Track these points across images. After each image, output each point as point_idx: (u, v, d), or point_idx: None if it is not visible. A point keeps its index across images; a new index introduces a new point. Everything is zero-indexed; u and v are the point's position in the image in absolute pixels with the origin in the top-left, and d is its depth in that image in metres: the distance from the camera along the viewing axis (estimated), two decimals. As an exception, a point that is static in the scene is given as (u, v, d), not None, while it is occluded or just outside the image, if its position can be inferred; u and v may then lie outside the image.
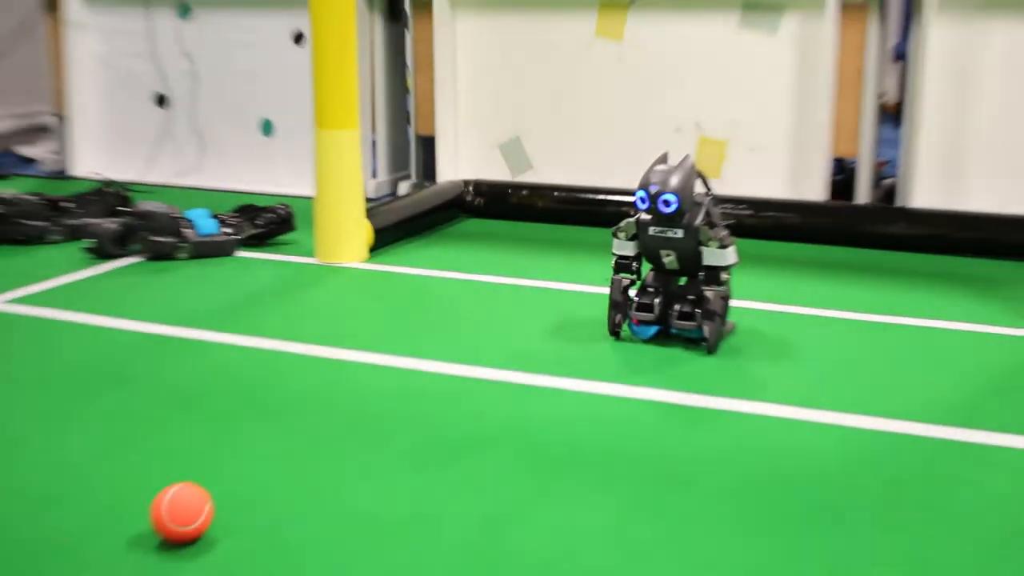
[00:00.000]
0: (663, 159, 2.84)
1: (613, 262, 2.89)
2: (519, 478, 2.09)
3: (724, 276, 2.79)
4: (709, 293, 2.76)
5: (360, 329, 2.95)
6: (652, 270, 2.90)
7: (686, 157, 2.84)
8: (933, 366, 2.70)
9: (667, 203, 2.74)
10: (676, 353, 2.78)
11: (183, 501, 1.77)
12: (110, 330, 2.93)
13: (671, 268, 2.85)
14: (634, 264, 2.88)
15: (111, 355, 2.75)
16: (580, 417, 2.38)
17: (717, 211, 2.84)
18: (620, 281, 2.87)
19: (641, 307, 2.85)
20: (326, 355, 2.75)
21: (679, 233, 2.79)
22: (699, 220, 2.78)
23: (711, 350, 2.78)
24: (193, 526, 1.76)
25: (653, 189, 2.76)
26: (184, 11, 4.86)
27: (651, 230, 2.82)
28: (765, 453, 2.20)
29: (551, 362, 2.71)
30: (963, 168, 3.95)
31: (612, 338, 2.88)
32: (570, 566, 1.78)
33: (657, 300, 2.83)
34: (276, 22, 4.73)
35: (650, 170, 2.79)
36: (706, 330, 2.77)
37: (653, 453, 2.20)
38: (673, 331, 2.85)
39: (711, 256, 2.78)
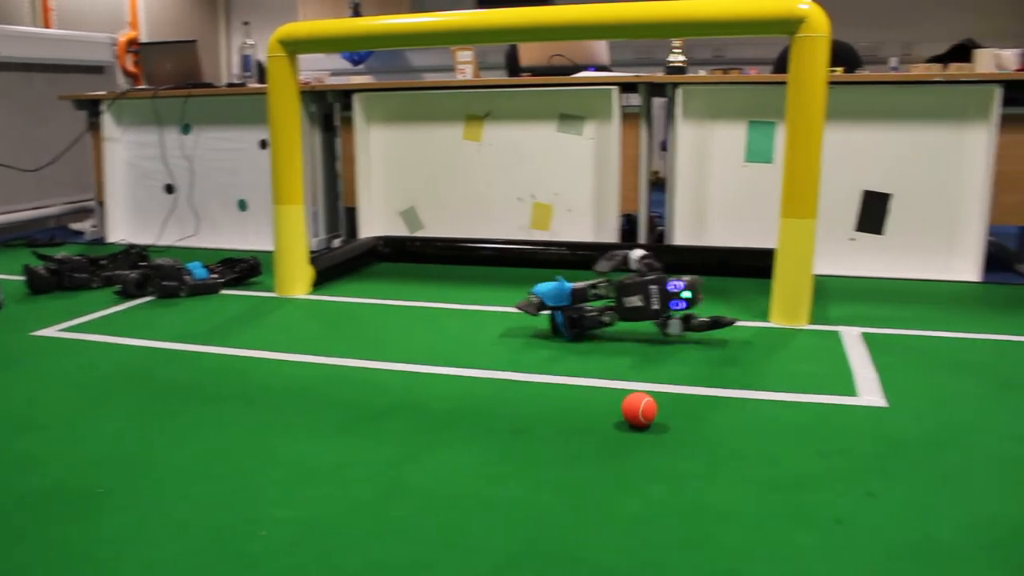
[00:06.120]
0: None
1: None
2: (412, 435, 2.08)
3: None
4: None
5: (305, 340, 2.91)
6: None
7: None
8: (690, 346, 2.75)
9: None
10: (517, 345, 2.80)
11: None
12: (132, 347, 2.84)
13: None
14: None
15: (133, 363, 2.67)
16: (454, 392, 2.37)
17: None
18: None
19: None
20: (281, 358, 2.71)
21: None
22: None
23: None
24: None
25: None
26: (185, 129, 4.77)
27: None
28: (571, 411, 2.23)
29: (434, 356, 2.69)
30: (703, 217, 4.05)
31: (482, 339, 2.87)
32: (447, 490, 1.78)
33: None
34: (248, 134, 4.66)
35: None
36: None
37: (502, 413, 2.21)
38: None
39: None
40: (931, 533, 1.59)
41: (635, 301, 2.74)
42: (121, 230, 5.00)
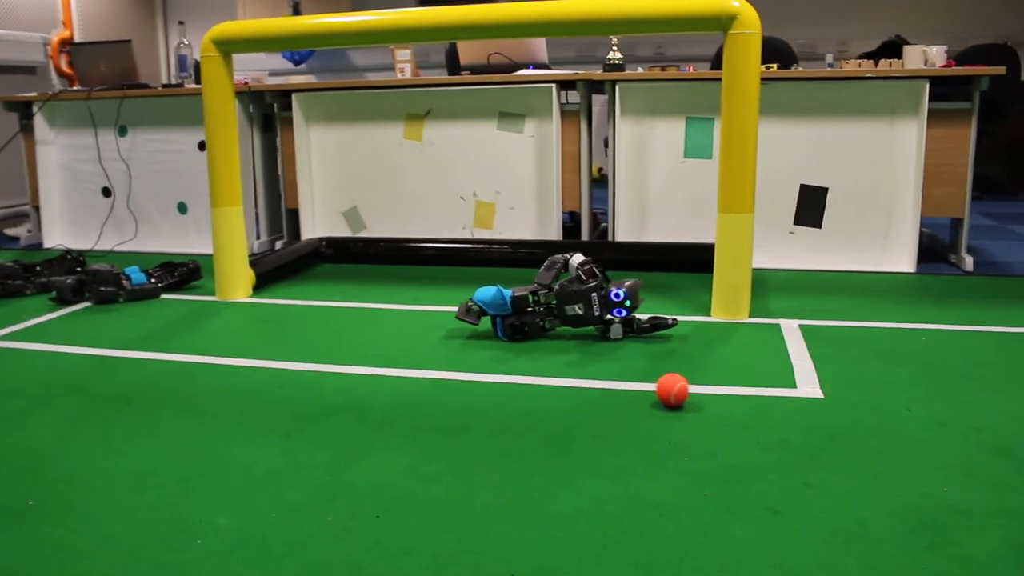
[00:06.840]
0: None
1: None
2: (351, 437, 2.07)
3: None
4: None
5: (246, 343, 2.87)
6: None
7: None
8: (631, 342, 2.76)
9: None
10: (459, 345, 2.79)
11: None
12: (70, 354, 2.79)
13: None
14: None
15: (70, 371, 2.61)
16: (395, 393, 2.36)
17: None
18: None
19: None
20: (223, 362, 2.67)
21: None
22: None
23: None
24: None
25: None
26: (122, 131, 4.68)
27: None
28: (510, 409, 2.23)
29: (376, 358, 2.68)
30: (645, 213, 4.08)
31: (425, 339, 2.85)
32: (383, 492, 1.78)
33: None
34: (186, 135, 4.59)
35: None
36: None
37: (441, 413, 2.20)
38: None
39: None
40: (864, 519, 1.61)
41: (577, 309, 2.76)
42: (58, 235, 4.90)
